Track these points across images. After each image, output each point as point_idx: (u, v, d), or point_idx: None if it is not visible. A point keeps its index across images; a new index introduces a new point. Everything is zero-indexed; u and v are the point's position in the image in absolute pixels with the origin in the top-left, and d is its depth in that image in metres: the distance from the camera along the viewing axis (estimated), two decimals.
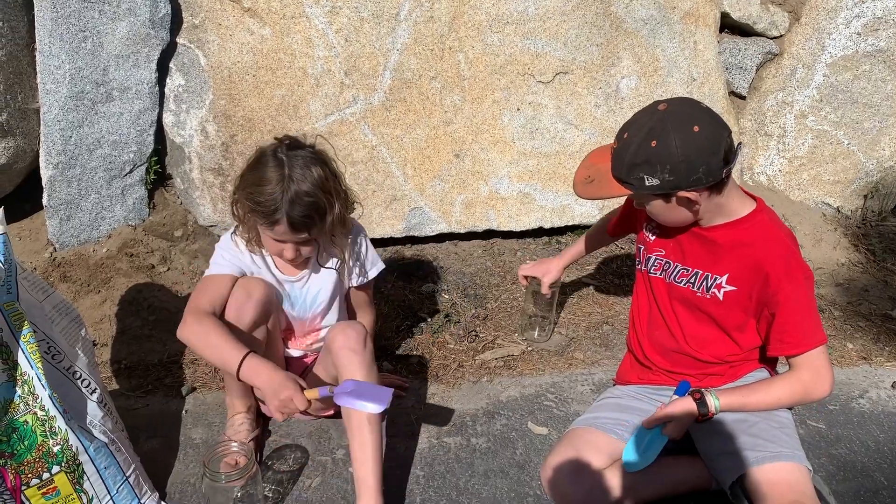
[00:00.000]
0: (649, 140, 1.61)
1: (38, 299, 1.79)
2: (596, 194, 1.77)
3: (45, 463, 1.64)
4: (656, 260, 1.93)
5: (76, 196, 2.65)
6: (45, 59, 2.52)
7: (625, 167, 1.67)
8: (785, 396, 1.79)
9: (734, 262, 1.78)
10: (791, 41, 3.32)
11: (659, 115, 1.63)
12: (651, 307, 1.98)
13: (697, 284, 1.84)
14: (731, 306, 1.81)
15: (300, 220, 1.66)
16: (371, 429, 1.72)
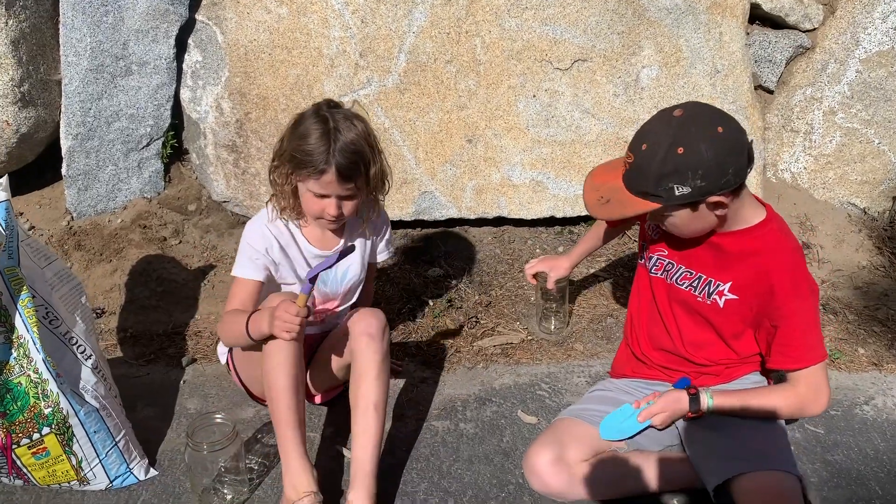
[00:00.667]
0: (675, 148, 1.56)
1: (40, 266, 1.84)
2: (616, 213, 1.72)
3: (36, 424, 1.70)
4: (658, 259, 1.91)
5: (94, 167, 2.71)
6: (67, 32, 2.58)
7: (652, 179, 1.60)
8: (780, 408, 1.78)
9: (740, 270, 1.76)
10: (824, 35, 3.22)
11: (677, 121, 1.59)
12: (651, 304, 1.95)
13: (699, 289, 1.82)
14: (730, 314, 1.79)
15: (347, 168, 1.68)
16: (376, 415, 1.75)
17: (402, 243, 2.92)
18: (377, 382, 1.75)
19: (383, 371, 1.78)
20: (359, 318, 1.81)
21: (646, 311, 1.97)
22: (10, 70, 2.48)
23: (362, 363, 1.76)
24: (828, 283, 2.83)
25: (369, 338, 1.76)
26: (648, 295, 1.95)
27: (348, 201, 1.76)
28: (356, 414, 1.76)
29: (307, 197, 1.76)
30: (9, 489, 1.81)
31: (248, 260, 1.83)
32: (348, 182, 1.70)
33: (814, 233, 3.06)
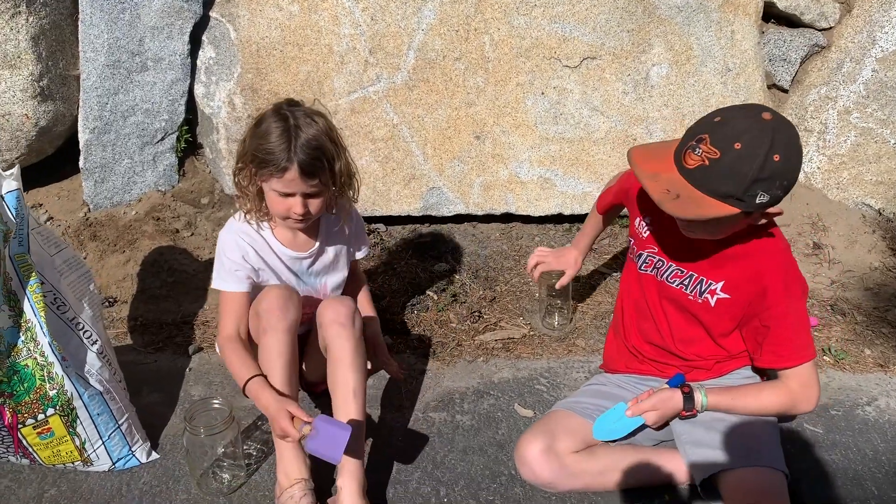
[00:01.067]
0: (773, 154, 1.48)
1: (50, 253, 1.90)
2: (690, 213, 1.54)
3: (41, 405, 1.75)
4: (648, 257, 1.90)
5: (110, 160, 2.79)
6: (86, 29, 2.66)
7: (744, 183, 1.49)
8: (772, 404, 1.78)
9: (732, 270, 1.75)
10: (840, 34, 3.18)
11: (770, 125, 1.50)
12: (640, 300, 1.96)
13: (690, 287, 1.81)
14: (721, 314, 1.79)
15: (309, 164, 1.67)
16: (356, 401, 1.76)
17: (409, 238, 2.96)
18: (352, 369, 1.77)
19: (357, 357, 1.78)
20: (327, 306, 1.82)
21: (635, 306, 1.97)
22: (30, 65, 2.56)
23: (335, 351, 1.78)
24: (837, 284, 2.81)
25: (339, 326, 1.77)
26: (637, 291, 1.95)
27: (314, 199, 1.75)
28: (336, 402, 1.78)
29: (272, 197, 1.74)
30: (17, 468, 1.88)
31: (228, 273, 1.83)
32: (311, 178, 1.69)
33: (826, 233, 3.03)
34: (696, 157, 1.53)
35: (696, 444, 1.78)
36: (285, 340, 1.74)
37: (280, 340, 1.73)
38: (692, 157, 1.54)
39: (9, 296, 1.73)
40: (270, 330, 1.73)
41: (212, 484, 1.83)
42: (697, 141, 1.53)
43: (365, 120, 2.84)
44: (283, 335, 1.73)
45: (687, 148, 1.55)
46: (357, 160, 2.82)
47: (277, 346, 1.73)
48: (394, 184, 2.90)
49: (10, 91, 2.56)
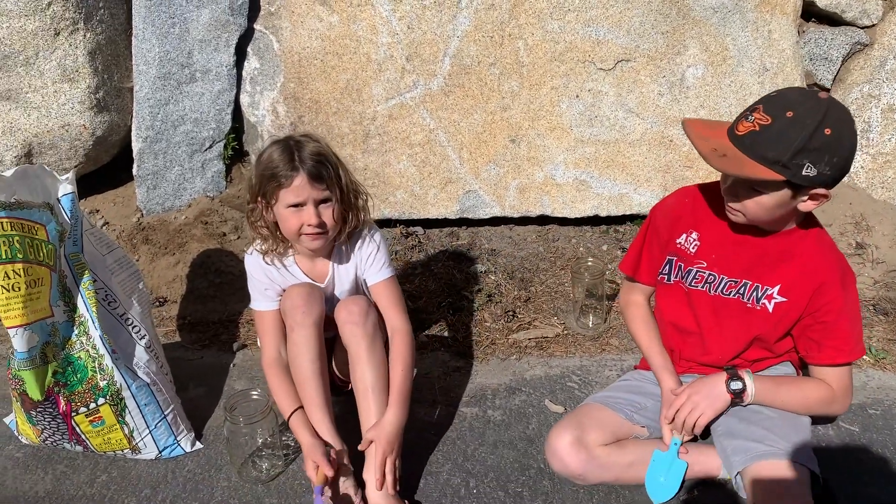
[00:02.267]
0: (824, 126, 1.47)
1: (102, 253, 2.03)
2: (733, 169, 1.54)
3: (92, 395, 1.87)
4: (698, 272, 1.85)
5: (162, 168, 2.93)
6: (139, 43, 2.81)
7: (791, 150, 1.48)
8: (812, 399, 1.78)
9: (786, 272, 1.75)
10: (883, 31, 3.13)
11: (826, 101, 1.50)
12: (687, 320, 1.92)
13: (747, 295, 1.80)
14: (780, 318, 1.79)
15: (315, 167, 1.74)
16: (374, 397, 1.83)
17: (446, 241, 3.02)
18: (369, 366, 1.83)
19: (373, 353, 1.84)
20: (341, 307, 1.89)
21: (675, 327, 1.95)
22: (88, 79, 2.72)
23: (352, 350, 1.86)
24: (881, 284, 2.76)
25: (353, 325, 1.84)
26: (684, 309, 1.91)
27: (325, 206, 1.80)
28: (358, 398, 1.86)
29: (285, 216, 1.79)
30: (72, 455, 2.00)
31: (259, 294, 1.95)
32: (320, 182, 1.76)
33: (869, 233, 2.97)
34: (747, 124, 1.55)
35: (731, 436, 1.78)
36: (311, 335, 1.83)
37: (306, 336, 1.82)
38: (744, 124, 1.56)
39: (64, 292, 1.85)
40: (297, 326, 1.83)
41: (251, 472, 1.92)
42: (751, 110, 1.56)
43: (402, 125, 2.92)
44: (309, 330, 1.83)
45: (740, 118, 1.58)
46: (395, 165, 2.92)
47: (305, 341, 1.83)
48: (431, 187, 2.97)
49: (70, 103, 2.72)
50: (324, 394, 1.85)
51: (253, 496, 1.86)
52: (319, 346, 1.86)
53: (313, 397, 1.84)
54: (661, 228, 1.90)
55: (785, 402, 1.79)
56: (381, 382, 1.84)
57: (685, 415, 1.78)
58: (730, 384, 1.76)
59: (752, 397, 1.76)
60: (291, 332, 1.84)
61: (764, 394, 1.77)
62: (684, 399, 1.80)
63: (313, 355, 1.83)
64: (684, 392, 1.81)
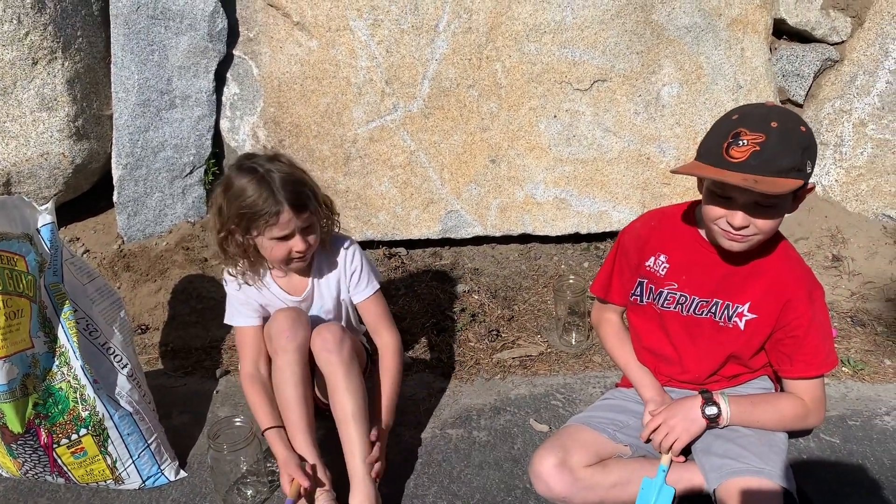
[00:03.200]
0: (800, 126, 1.53)
1: (83, 282, 2.01)
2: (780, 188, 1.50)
3: (74, 426, 1.85)
4: (669, 294, 1.86)
5: (142, 194, 2.92)
6: (118, 70, 2.81)
7: (799, 153, 1.51)
8: (788, 416, 1.80)
9: (754, 289, 1.77)
10: (853, 47, 3.20)
11: (779, 107, 1.57)
12: (662, 341, 1.93)
13: (719, 314, 1.82)
14: (752, 334, 1.81)
15: (297, 198, 1.75)
16: (355, 424, 1.83)
17: (429, 261, 3.03)
18: (347, 393, 1.83)
19: (350, 380, 1.84)
20: (315, 335, 1.87)
21: (650, 350, 1.96)
22: (66, 107, 2.72)
23: (329, 379, 1.86)
24: (857, 295, 2.80)
25: (328, 353, 1.84)
26: (657, 331, 1.92)
27: (310, 231, 1.82)
28: (339, 427, 1.85)
29: (270, 246, 1.80)
30: (53, 487, 1.98)
31: (236, 310, 1.96)
32: (304, 212, 1.77)
33: (845, 245, 3.02)
34: (743, 148, 1.52)
35: (708, 453, 1.80)
36: (296, 360, 1.83)
37: (291, 361, 1.83)
38: (739, 150, 1.53)
39: (44, 323, 1.84)
40: (281, 351, 1.83)
41: (236, 500, 1.90)
42: (735, 137, 1.53)
43: (383, 148, 2.94)
44: (293, 355, 1.83)
45: (727, 146, 1.54)
46: (376, 186, 2.94)
47: (289, 366, 1.83)
48: (413, 208, 2.99)
49: (48, 132, 2.72)
50: (307, 419, 1.85)
51: None
52: (304, 371, 1.86)
53: (296, 423, 1.84)
54: (631, 252, 1.92)
55: (761, 421, 1.80)
56: (360, 410, 1.84)
57: (661, 438, 1.80)
58: (705, 410, 1.77)
59: (728, 421, 1.77)
60: (276, 356, 1.85)
61: (740, 416, 1.78)
62: (660, 422, 1.81)
63: (297, 380, 1.84)
64: (661, 414, 1.82)
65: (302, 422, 1.83)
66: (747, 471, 1.69)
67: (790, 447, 2.01)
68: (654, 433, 1.81)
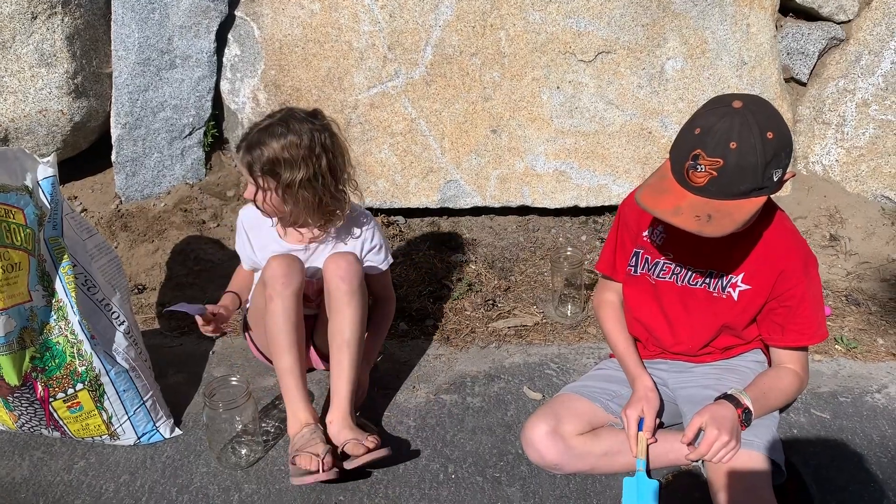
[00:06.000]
0: (765, 133, 1.53)
1: (82, 237, 2.01)
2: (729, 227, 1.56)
3: (70, 380, 1.86)
4: (665, 264, 1.88)
5: (141, 154, 2.91)
6: (118, 28, 2.78)
7: (759, 173, 1.54)
8: (791, 393, 1.85)
9: (749, 260, 1.78)
10: (859, 26, 3.18)
11: (746, 110, 1.54)
12: (654, 312, 1.95)
13: (713, 285, 1.83)
14: (745, 305, 1.82)
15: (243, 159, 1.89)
16: (348, 351, 1.91)
17: (427, 230, 3.03)
18: (349, 321, 1.90)
19: (355, 310, 1.90)
20: (330, 260, 1.93)
21: (647, 318, 1.97)
22: (66, 63, 2.69)
23: (335, 303, 1.90)
24: (853, 275, 2.81)
25: (339, 279, 1.88)
26: (651, 301, 1.94)
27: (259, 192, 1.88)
28: (332, 350, 1.92)
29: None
30: (49, 441, 1.99)
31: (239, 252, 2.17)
32: (249, 173, 1.87)
33: (843, 225, 3.03)
34: (702, 174, 1.57)
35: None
36: (291, 305, 1.86)
37: (285, 306, 1.86)
38: (698, 175, 1.57)
39: (43, 276, 1.84)
40: (276, 296, 1.85)
41: (230, 458, 1.92)
42: (693, 159, 1.57)
43: (384, 114, 2.92)
44: (288, 301, 1.86)
45: (687, 169, 1.59)
46: (376, 154, 2.93)
47: (284, 311, 1.86)
48: (412, 177, 2.98)
49: (47, 88, 2.69)
50: (299, 363, 1.90)
51: (232, 482, 1.87)
52: (298, 317, 1.89)
53: (289, 368, 1.89)
54: (630, 222, 1.94)
55: (773, 407, 1.82)
56: (356, 340, 1.91)
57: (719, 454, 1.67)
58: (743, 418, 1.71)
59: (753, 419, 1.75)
60: (270, 301, 1.87)
61: (759, 411, 1.76)
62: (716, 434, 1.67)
63: (291, 326, 1.87)
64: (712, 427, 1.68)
65: (294, 366, 1.88)
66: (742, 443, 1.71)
67: (781, 422, 2.04)
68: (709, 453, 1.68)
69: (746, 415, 1.73)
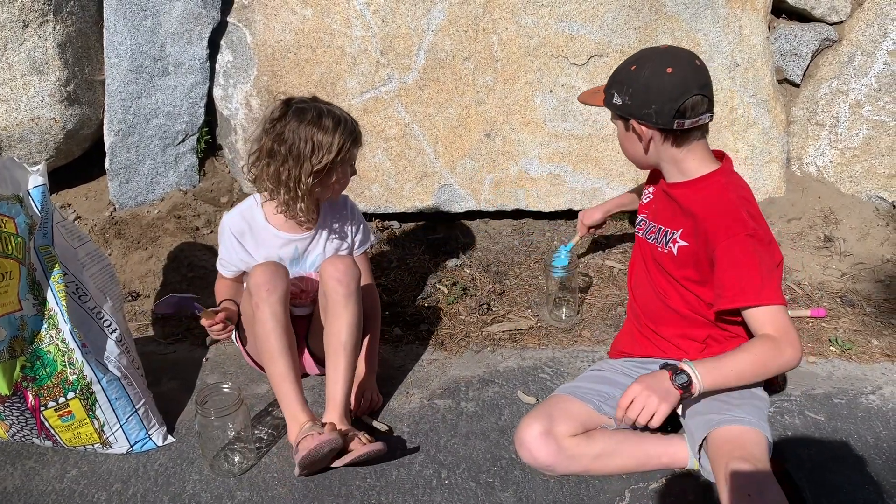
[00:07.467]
0: (631, 64, 1.81)
1: (73, 246, 2.01)
2: (585, 100, 1.98)
3: (62, 389, 1.85)
4: (642, 220, 2.08)
5: (134, 161, 2.91)
6: (110, 36, 2.78)
7: (608, 81, 1.87)
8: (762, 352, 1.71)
9: (686, 218, 1.88)
10: (851, 27, 3.18)
11: (657, 49, 1.83)
12: (636, 264, 2.12)
13: (659, 239, 1.96)
14: (684, 260, 1.90)
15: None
16: (345, 354, 1.93)
17: (421, 235, 3.03)
18: (346, 324, 1.92)
19: (352, 313, 1.93)
20: (327, 263, 1.95)
21: (633, 272, 2.13)
22: (58, 71, 2.69)
23: (332, 306, 1.92)
24: (848, 276, 2.81)
25: (336, 281, 1.90)
26: (637, 255, 2.11)
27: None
28: (328, 353, 1.94)
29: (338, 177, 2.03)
30: (41, 450, 1.98)
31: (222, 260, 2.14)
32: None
33: (837, 226, 3.02)
34: None
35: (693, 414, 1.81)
36: (278, 310, 1.88)
37: (273, 311, 1.87)
38: None
39: (33, 285, 1.84)
40: (262, 303, 1.87)
41: (223, 465, 1.91)
42: None
43: (377, 119, 2.92)
44: (274, 307, 1.87)
45: None
46: (370, 158, 2.92)
47: (272, 317, 1.87)
48: (406, 181, 2.98)
49: (39, 96, 2.69)
50: (293, 368, 1.91)
51: (225, 489, 1.86)
52: (286, 322, 1.91)
53: (283, 373, 1.89)
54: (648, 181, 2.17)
55: (737, 370, 1.72)
56: (353, 343, 1.94)
57: (637, 413, 1.69)
58: (675, 379, 1.68)
59: (701, 384, 1.69)
60: (257, 309, 1.88)
61: (710, 375, 1.70)
62: (633, 396, 1.70)
63: (280, 331, 1.88)
64: (631, 390, 1.71)
65: (288, 370, 1.89)
66: (727, 420, 1.72)
67: (775, 424, 2.04)
68: (630, 409, 1.70)
69: (679, 376, 1.68)
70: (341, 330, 1.92)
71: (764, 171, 3.09)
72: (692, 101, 1.74)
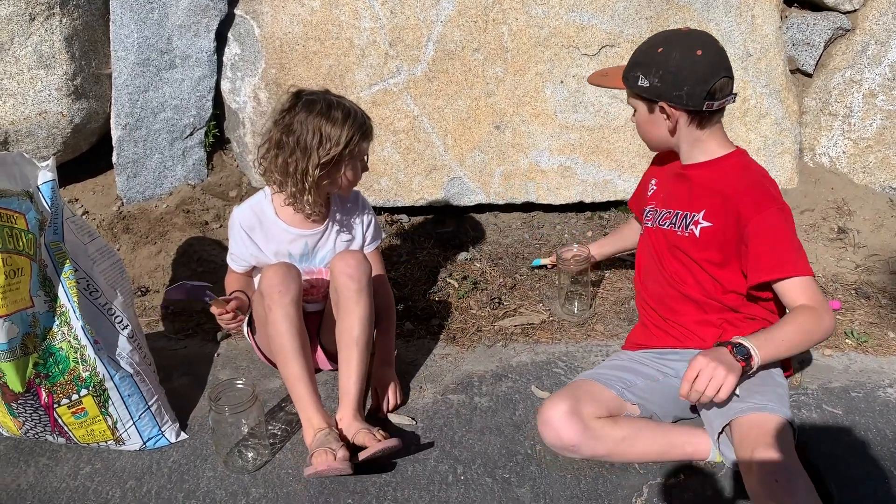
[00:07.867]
0: (657, 46, 1.79)
1: (84, 241, 1.99)
2: (598, 82, 1.99)
3: (74, 386, 1.84)
4: (650, 211, 2.06)
5: (142, 155, 2.89)
6: (116, 29, 2.76)
7: (630, 64, 1.85)
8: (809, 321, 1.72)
9: (709, 199, 1.87)
10: (865, 16, 3.15)
11: (680, 32, 1.82)
12: (644, 257, 2.09)
13: (678, 224, 1.94)
14: (708, 242, 1.88)
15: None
16: (357, 349, 1.92)
17: (431, 228, 3.00)
18: (358, 319, 1.91)
19: (364, 308, 1.92)
20: (338, 258, 1.94)
21: (642, 265, 2.11)
22: (65, 65, 2.67)
23: (343, 301, 1.91)
24: (862, 268, 2.78)
25: (347, 277, 1.89)
26: (644, 248, 2.09)
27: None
28: (341, 348, 1.93)
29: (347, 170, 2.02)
30: (54, 447, 1.97)
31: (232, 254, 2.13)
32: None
33: (851, 217, 3.00)
34: None
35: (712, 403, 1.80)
36: (291, 312, 1.86)
37: (286, 313, 1.85)
38: None
39: (44, 282, 1.82)
40: (275, 306, 1.85)
41: (237, 462, 1.90)
42: None
43: (386, 112, 2.90)
44: (287, 308, 1.85)
45: None
46: (379, 151, 2.90)
47: (285, 318, 1.85)
48: (415, 175, 2.96)
49: (46, 90, 2.67)
50: (307, 369, 1.89)
51: (239, 486, 1.84)
52: (299, 323, 1.89)
53: (297, 374, 1.88)
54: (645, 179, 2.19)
55: (787, 340, 1.72)
56: (366, 337, 1.93)
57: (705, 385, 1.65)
58: (736, 352, 1.68)
59: (759, 357, 1.68)
60: (269, 311, 1.86)
61: (764, 347, 1.69)
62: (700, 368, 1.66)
63: (294, 331, 1.87)
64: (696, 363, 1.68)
65: (303, 372, 1.88)
66: (750, 408, 1.72)
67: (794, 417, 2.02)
68: (697, 381, 1.66)
69: (738, 348, 1.68)
70: (353, 325, 1.91)
71: (776, 162, 3.06)
72: (721, 82, 1.76)
